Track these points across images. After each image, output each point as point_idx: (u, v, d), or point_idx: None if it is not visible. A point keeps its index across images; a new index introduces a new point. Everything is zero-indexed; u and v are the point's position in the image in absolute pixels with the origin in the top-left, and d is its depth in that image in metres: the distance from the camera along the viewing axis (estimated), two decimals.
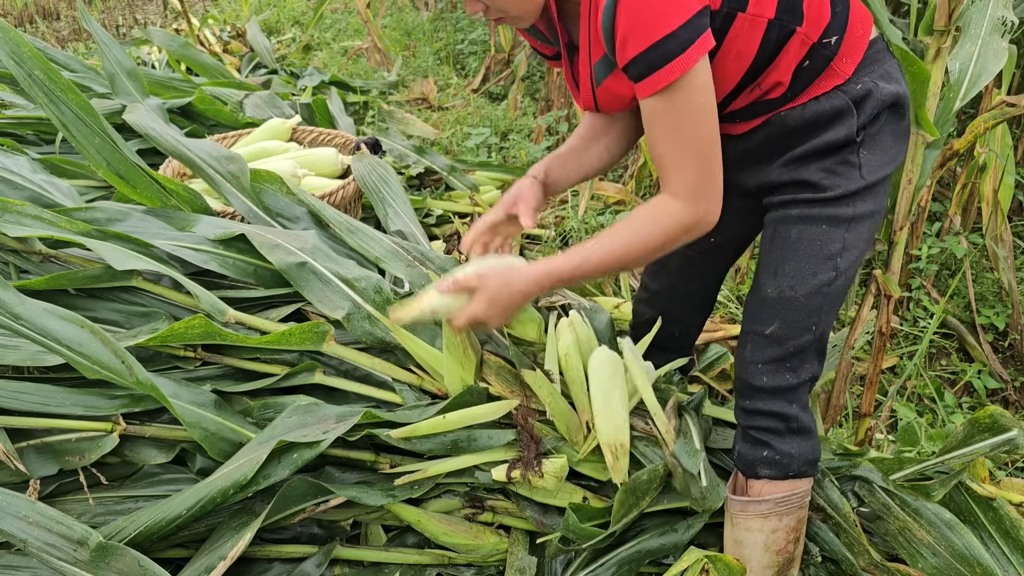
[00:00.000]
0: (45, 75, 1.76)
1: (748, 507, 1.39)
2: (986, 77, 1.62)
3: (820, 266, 1.27)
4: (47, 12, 6.98)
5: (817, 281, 1.28)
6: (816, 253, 1.27)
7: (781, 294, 1.30)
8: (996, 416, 1.44)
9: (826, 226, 1.27)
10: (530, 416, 1.51)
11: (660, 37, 1.04)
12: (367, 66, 5.04)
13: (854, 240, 1.28)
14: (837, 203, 1.25)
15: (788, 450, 1.35)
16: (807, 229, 1.28)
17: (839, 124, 1.23)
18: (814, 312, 1.29)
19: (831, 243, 1.27)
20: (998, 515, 1.49)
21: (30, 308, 1.28)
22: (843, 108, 1.22)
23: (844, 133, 1.23)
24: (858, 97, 1.21)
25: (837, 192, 1.25)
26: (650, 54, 1.06)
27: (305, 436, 1.41)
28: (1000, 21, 1.63)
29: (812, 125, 1.24)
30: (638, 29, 1.04)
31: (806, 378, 1.35)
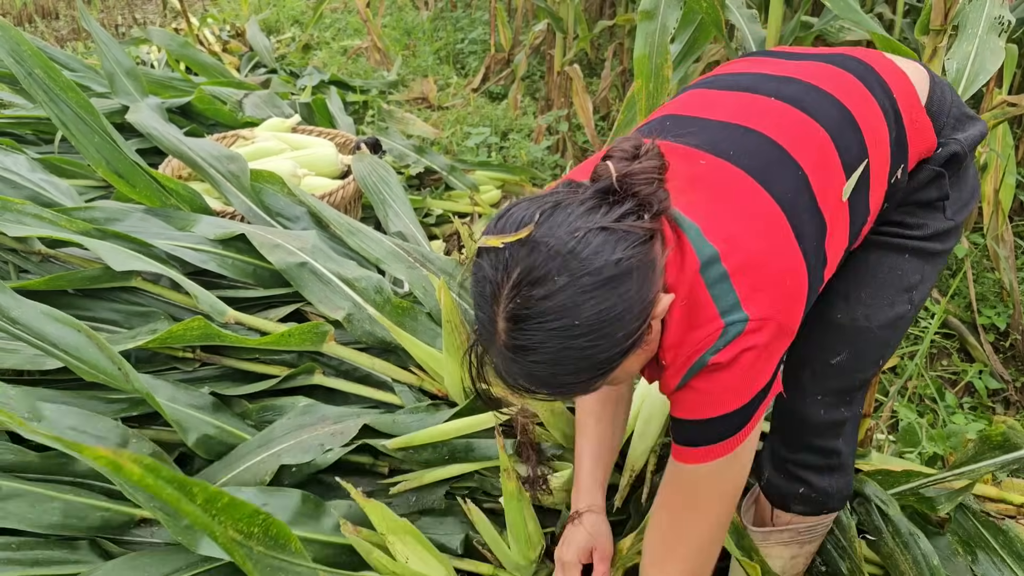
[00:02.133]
0: (45, 74, 1.75)
1: (770, 536, 1.34)
2: (984, 76, 1.62)
3: (898, 297, 1.18)
4: (46, 11, 6.97)
5: (893, 313, 1.18)
6: (896, 283, 1.17)
7: (854, 322, 1.19)
8: (1008, 434, 1.41)
9: (910, 256, 1.18)
10: (530, 421, 1.50)
11: (713, 416, 0.96)
12: (367, 65, 5.03)
13: (931, 272, 1.20)
14: (924, 240, 1.17)
15: (825, 487, 1.28)
16: (888, 256, 1.18)
17: (930, 187, 1.15)
18: (883, 345, 1.21)
19: (911, 274, 1.18)
20: (1008, 538, 1.45)
21: (27, 312, 1.28)
22: (933, 176, 1.14)
23: (936, 194, 1.15)
24: (944, 160, 1.14)
25: (926, 232, 1.17)
26: (697, 427, 0.98)
27: (303, 449, 1.42)
28: (997, 20, 1.63)
29: (904, 196, 1.17)
30: (697, 403, 0.97)
31: (857, 411, 1.27)
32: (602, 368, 0.90)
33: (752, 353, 0.92)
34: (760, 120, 1.03)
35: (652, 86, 1.95)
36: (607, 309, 0.85)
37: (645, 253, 0.87)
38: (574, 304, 0.84)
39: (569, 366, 0.88)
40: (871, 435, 1.99)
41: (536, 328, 0.86)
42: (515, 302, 0.85)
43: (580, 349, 0.87)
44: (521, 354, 0.88)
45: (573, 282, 0.84)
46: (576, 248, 0.84)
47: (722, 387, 0.94)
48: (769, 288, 0.94)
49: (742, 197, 0.97)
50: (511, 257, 0.85)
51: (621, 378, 0.98)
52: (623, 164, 0.91)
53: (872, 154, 1.06)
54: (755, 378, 0.95)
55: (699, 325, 0.93)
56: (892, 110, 1.10)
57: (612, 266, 0.85)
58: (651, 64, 2.00)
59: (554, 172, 3.65)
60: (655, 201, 0.90)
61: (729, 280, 0.93)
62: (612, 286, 0.85)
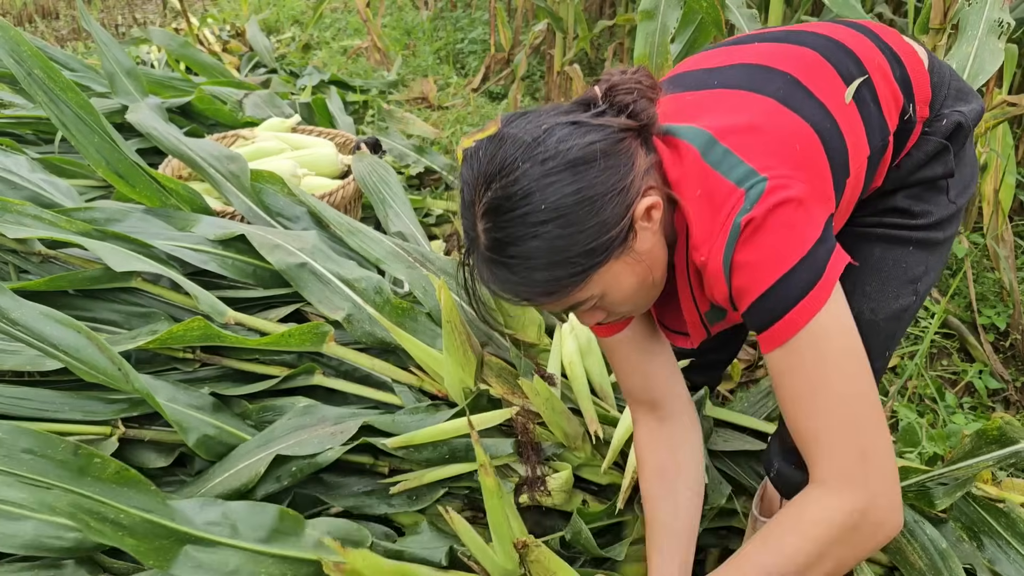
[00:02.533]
0: (45, 74, 1.75)
1: None
2: (983, 77, 1.62)
3: (903, 289, 1.17)
4: (46, 11, 6.97)
5: (898, 305, 1.17)
6: (900, 276, 1.16)
7: (860, 316, 1.12)
8: (1004, 428, 1.42)
9: (914, 248, 1.16)
10: (531, 421, 1.50)
11: (774, 281, 0.87)
12: (367, 65, 5.03)
13: (936, 263, 1.19)
14: (928, 229, 1.16)
15: None
16: (892, 250, 1.17)
17: (936, 163, 1.14)
18: (889, 337, 1.20)
19: (916, 266, 1.17)
20: (1011, 520, 1.46)
21: (27, 313, 1.28)
22: (938, 149, 1.13)
23: (942, 170, 1.14)
24: (949, 132, 1.13)
25: (930, 219, 1.15)
26: (766, 302, 0.88)
27: (302, 447, 1.41)
28: (996, 23, 1.64)
29: (909, 172, 1.16)
30: (751, 277, 0.89)
31: None
32: (580, 265, 0.88)
33: (786, 207, 0.86)
34: (742, 56, 1.05)
35: None
36: (573, 192, 0.85)
37: (616, 142, 0.88)
38: (538, 188, 0.85)
39: (543, 258, 0.87)
40: None
41: (507, 218, 0.86)
42: (486, 196, 0.87)
43: (552, 238, 0.86)
44: (498, 250, 0.88)
45: (536, 166, 0.85)
46: (540, 136, 0.86)
47: (769, 247, 0.87)
48: (779, 151, 0.91)
49: (729, 101, 0.98)
50: (483, 155, 0.88)
51: (617, 299, 0.96)
52: (607, 82, 0.93)
53: (874, 77, 1.05)
54: (801, 230, 0.87)
55: (720, 204, 0.89)
56: (889, 52, 1.10)
57: (577, 149, 0.86)
58: (651, 64, 2.00)
59: None
60: (637, 108, 0.91)
61: (733, 153, 0.90)
62: (578, 170, 0.86)
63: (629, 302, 0.98)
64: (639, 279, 0.95)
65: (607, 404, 1.62)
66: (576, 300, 0.94)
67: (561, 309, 0.98)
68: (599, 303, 0.97)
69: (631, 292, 0.96)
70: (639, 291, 0.97)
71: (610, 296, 0.95)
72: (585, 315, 1.01)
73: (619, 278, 0.93)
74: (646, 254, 0.94)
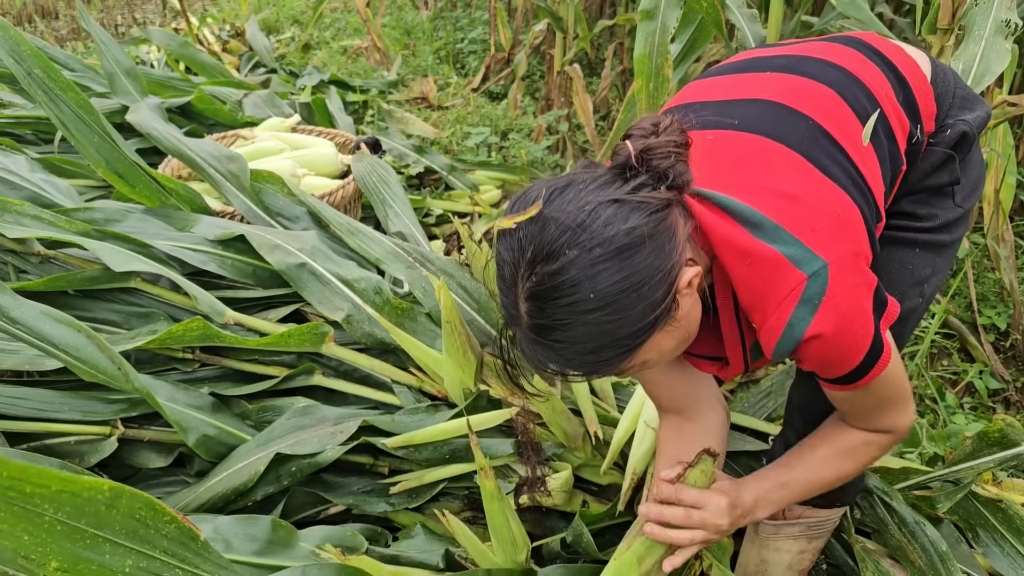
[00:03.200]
0: (45, 73, 1.75)
1: (781, 529, 1.34)
2: (989, 77, 1.62)
3: (909, 291, 1.17)
4: (46, 11, 6.97)
5: (905, 307, 1.14)
6: (907, 278, 1.17)
7: None
8: (1006, 431, 1.43)
9: (920, 250, 1.17)
10: (531, 421, 1.50)
11: (855, 366, 0.96)
12: (367, 65, 5.03)
13: (942, 264, 1.19)
14: (934, 231, 1.17)
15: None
16: (898, 251, 1.17)
17: (942, 171, 1.14)
18: (896, 338, 1.17)
19: (922, 268, 1.17)
20: (1007, 515, 1.48)
21: (27, 312, 1.27)
22: (944, 159, 1.13)
23: (947, 179, 1.14)
24: (954, 142, 1.13)
25: (936, 223, 1.16)
26: (847, 377, 0.99)
27: (302, 446, 1.41)
28: (1004, 22, 1.63)
29: (916, 181, 1.16)
30: (829, 368, 0.98)
31: None
32: (626, 345, 0.88)
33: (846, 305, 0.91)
34: (759, 90, 1.03)
35: (652, 86, 1.95)
36: (622, 280, 0.84)
37: (659, 221, 0.86)
38: (586, 277, 0.83)
39: (591, 343, 0.87)
40: None
41: (553, 305, 0.85)
42: (531, 280, 0.85)
43: (599, 324, 0.85)
44: (543, 333, 0.88)
45: (584, 254, 0.83)
46: (585, 221, 0.84)
47: (838, 349, 0.94)
48: (826, 224, 0.93)
49: (758, 154, 0.96)
50: (524, 237, 0.86)
51: (655, 360, 0.96)
52: (641, 141, 0.91)
53: (885, 109, 1.05)
54: (866, 315, 0.94)
55: (777, 280, 0.91)
56: (893, 74, 1.10)
57: (623, 235, 0.84)
58: (651, 64, 2.00)
59: (554, 172, 3.65)
60: (673, 174, 0.89)
61: (784, 230, 0.91)
62: (625, 256, 0.84)
63: (670, 358, 1.01)
64: (678, 341, 0.96)
65: (607, 404, 1.62)
66: (620, 372, 0.95)
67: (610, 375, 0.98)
68: (645, 365, 0.97)
69: (671, 352, 0.98)
70: (678, 348, 0.99)
71: (653, 361, 0.96)
72: (633, 373, 1.02)
73: (661, 345, 0.93)
74: (685, 319, 0.94)
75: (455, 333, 1.49)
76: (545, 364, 0.91)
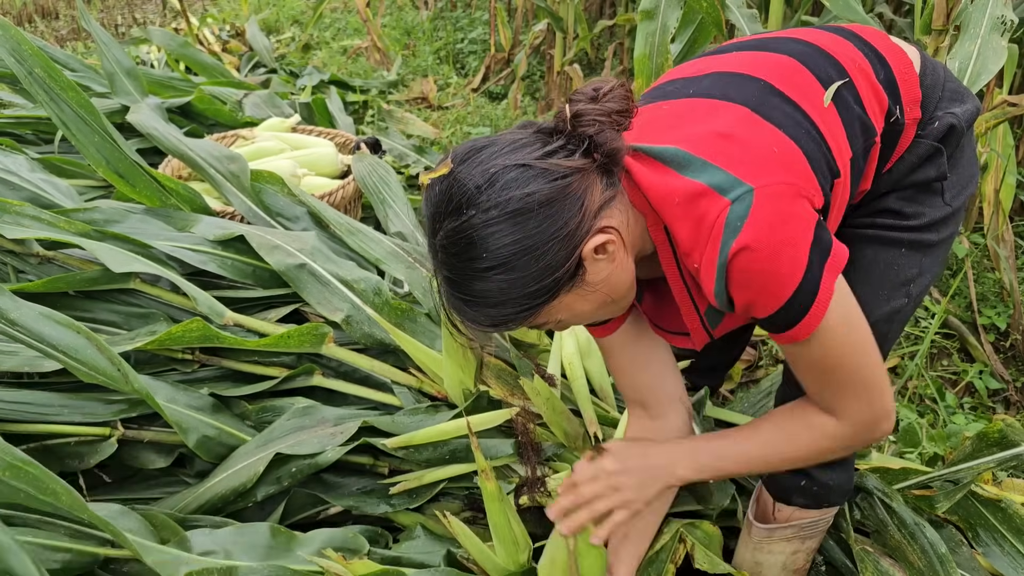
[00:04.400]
0: (45, 73, 1.75)
1: (774, 533, 1.35)
2: (985, 76, 1.62)
3: (895, 292, 1.17)
4: (46, 11, 6.96)
5: (890, 308, 1.17)
6: (892, 278, 1.16)
7: None
8: (1006, 431, 1.43)
9: (906, 250, 1.16)
10: (530, 421, 1.50)
11: (787, 299, 0.93)
12: (367, 65, 5.03)
13: (930, 264, 1.18)
14: (921, 230, 1.15)
15: (827, 481, 1.28)
16: (884, 251, 1.16)
17: (928, 166, 1.13)
18: (882, 338, 1.16)
19: (908, 268, 1.16)
20: (1007, 515, 1.48)
21: (26, 313, 1.27)
22: (931, 152, 1.12)
23: (934, 173, 1.13)
24: (941, 135, 1.12)
25: (922, 221, 1.14)
26: (781, 315, 0.95)
27: (302, 446, 1.41)
28: (999, 20, 1.63)
29: (902, 175, 1.15)
30: (759, 298, 0.94)
31: None
32: (526, 304, 0.92)
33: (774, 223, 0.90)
34: (721, 66, 1.06)
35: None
36: (513, 243, 0.88)
37: (561, 189, 0.89)
38: (480, 238, 0.87)
39: (492, 299, 0.91)
40: None
41: (455, 260, 0.90)
42: (439, 236, 0.90)
43: (497, 282, 0.90)
44: (452, 286, 0.93)
45: (480, 215, 0.87)
46: (487, 183, 0.88)
47: (769, 272, 0.91)
48: (757, 157, 0.93)
49: (701, 110, 0.99)
50: (436, 193, 0.90)
51: (572, 319, 0.99)
52: (576, 106, 0.93)
53: (855, 79, 1.05)
54: (797, 244, 0.91)
55: (704, 211, 0.91)
56: (874, 55, 1.10)
57: (517, 200, 0.87)
58: (651, 64, 2.00)
59: None
60: (595, 141, 0.91)
61: (710, 163, 0.93)
62: (518, 221, 0.87)
63: (591, 319, 1.02)
64: (596, 303, 0.98)
65: (607, 404, 1.62)
66: (535, 325, 0.98)
67: (528, 328, 1.00)
68: (561, 323, 1.00)
69: (590, 313, 1.00)
70: (599, 310, 1.00)
71: (568, 320, 0.99)
72: (552, 328, 1.04)
73: (573, 306, 0.96)
74: (601, 283, 0.96)
75: (455, 334, 1.49)
76: (459, 315, 0.96)
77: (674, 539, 1.33)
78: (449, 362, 1.51)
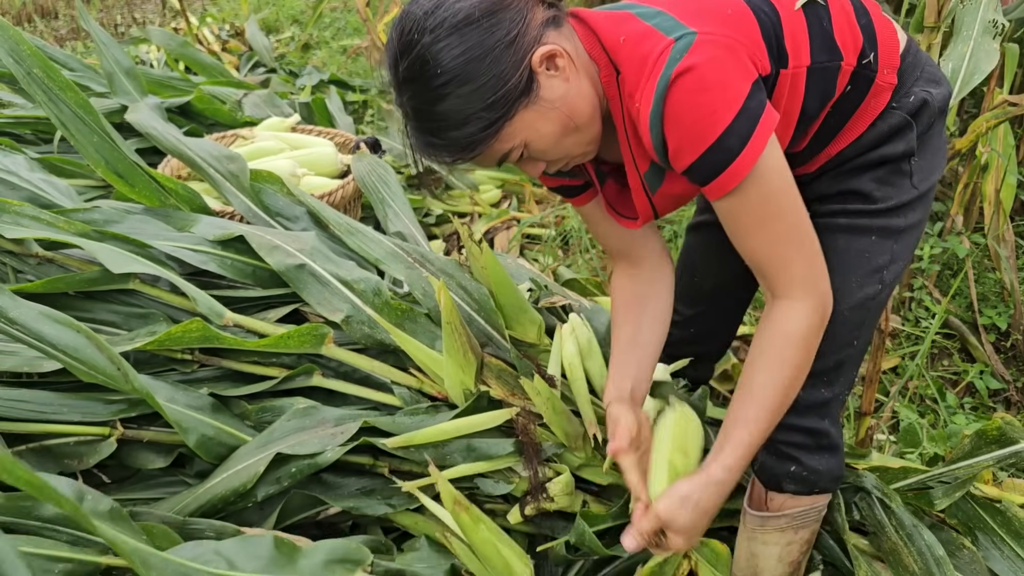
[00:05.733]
0: (44, 73, 1.75)
1: (768, 522, 1.36)
2: (978, 76, 1.64)
3: (867, 279, 1.21)
4: (45, 11, 6.96)
5: (863, 295, 1.21)
6: (864, 265, 1.21)
7: None
8: (1004, 429, 1.43)
9: (876, 237, 1.20)
10: (531, 422, 1.49)
11: (715, 139, 0.95)
12: (366, 65, 5.02)
13: (901, 251, 1.22)
14: (888, 214, 1.19)
15: (816, 466, 1.30)
16: (855, 240, 1.21)
17: (898, 139, 1.17)
18: (856, 326, 1.24)
19: (880, 255, 1.21)
20: (1006, 518, 1.48)
21: (25, 312, 1.27)
22: (902, 124, 1.16)
23: (903, 148, 1.17)
24: (914, 109, 1.16)
25: (890, 204, 1.18)
26: (708, 158, 0.97)
27: (303, 446, 1.40)
28: (991, 23, 1.65)
29: (871, 147, 1.19)
30: (688, 135, 0.97)
31: (840, 392, 1.29)
32: (487, 119, 0.97)
33: (715, 61, 0.94)
34: None
35: None
36: (461, 53, 0.95)
37: (503, 1, 0.96)
38: (432, 56, 0.95)
39: (454, 118, 0.97)
40: (872, 435, 1.99)
41: (413, 88, 0.98)
42: (397, 72, 0.99)
43: (455, 98, 0.96)
44: (417, 118, 1.00)
45: (428, 35, 0.95)
46: (430, 8, 0.96)
47: (704, 106, 0.95)
48: (710, 13, 0.99)
49: None
50: (392, 37, 0.99)
51: (537, 143, 1.03)
52: None
53: (832, 8, 1.10)
54: (733, 84, 0.95)
55: (649, 50, 0.97)
56: (861, 6, 1.15)
57: (461, 13, 0.95)
58: None
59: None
60: None
61: (664, 12, 1.00)
62: (463, 32, 0.95)
63: (557, 149, 1.06)
64: (559, 125, 1.02)
65: None
66: (500, 152, 1.03)
67: (495, 164, 1.06)
68: (528, 153, 1.05)
69: (554, 139, 1.04)
70: (563, 137, 1.04)
71: (534, 144, 1.04)
72: (525, 167, 1.10)
73: (536, 126, 1.01)
74: (559, 101, 1.01)
75: (455, 333, 1.49)
76: (429, 151, 1.02)
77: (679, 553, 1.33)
78: (449, 362, 1.51)
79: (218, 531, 1.33)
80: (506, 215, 3.11)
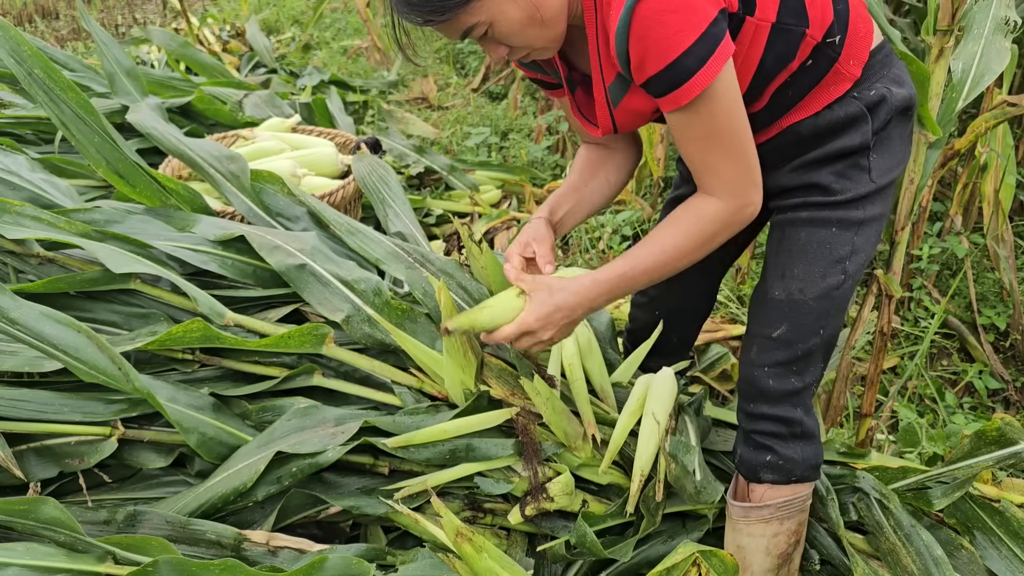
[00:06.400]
0: (45, 74, 1.75)
1: (751, 513, 1.39)
2: (989, 77, 1.62)
3: (829, 269, 1.27)
4: (46, 11, 6.97)
5: (826, 284, 1.28)
6: (826, 256, 1.27)
7: (789, 297, 1.30)
8: (1004, 429, 1.43)
9: (836, 229, 1.27)
10: (531, 421, 1.50)
11: (676, 56, 1.02)
12: (367, 65, 5.03)
13: (863, 243, 1.28)
14: (847, 206, 1.26)
15: (791, 455, 1.34)
16: (816, 232, 1.28)
17: (853, 131, 1.23)
18: (822, 315, 1.29)
19: (841, 246, 1.27)
20: (1005, 518, 1.48)
21: (26, 313, 1.27)
22: (858, 115, 1.22)
23: (859, 140, 1.23)
24: (872, 103, 1.22)
25: (848, 196, 1.25)
26: (668, 73, 1.04)
27: (303, 446, 1.41)
28: (1003, 21, 1.63)
29: (826, 132, 1.24)
30: (652, 49, 1.03)
31: (811, 381, 1.35)
32: None
33: None
34: None
35: None
36: None
37: None
38: None
39: None
40: (871, 435, 2.00)
41: None
42: None
43: None
44: None
45: None
46: None
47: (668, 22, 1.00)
48: None
49: None
50: None
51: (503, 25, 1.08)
52: None
53: None
54: (697, 6, 1.00)
55: None
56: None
57: None
58: None
59: (554, 172, 3.65)
60: None
61: None
62: None
63: (520, 36, 1.12)
64: (525, 14, 1.08)
65: (607, 405, 1.62)
66: (467, 24, 1.08)
67: (459, 36, 1.11)
68: (492, 33, 1.11)
69: (519, 26, 1.10)
70: (527, 27, 1.10)
71: (499, 27, 1.09)
72: (487, 46, 1.15)
73: (503, 8, 1.07)
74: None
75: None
76: (404, 8, 1.06)
77: (687, 561, 1.33)
78: (449, 362, 1.51)
79: (219, 534, 1.33)
80: (506, 215, 3.11)
